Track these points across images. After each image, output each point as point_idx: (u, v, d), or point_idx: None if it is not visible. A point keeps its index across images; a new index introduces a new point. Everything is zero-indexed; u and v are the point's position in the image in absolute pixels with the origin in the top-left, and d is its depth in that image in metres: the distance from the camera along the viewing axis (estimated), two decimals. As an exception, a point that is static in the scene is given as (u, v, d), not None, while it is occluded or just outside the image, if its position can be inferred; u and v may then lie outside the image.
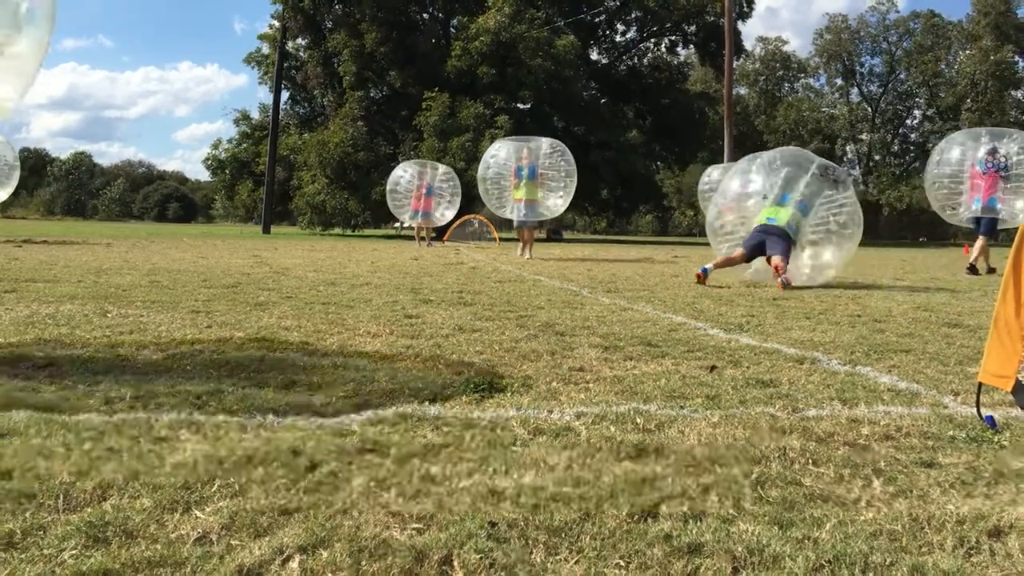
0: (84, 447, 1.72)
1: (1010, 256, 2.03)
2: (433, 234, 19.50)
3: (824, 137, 55.66)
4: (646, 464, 1.71)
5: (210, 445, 1.76)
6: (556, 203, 12.16)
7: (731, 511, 1.45)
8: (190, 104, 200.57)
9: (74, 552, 1.22)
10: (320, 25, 34.30)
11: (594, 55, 39.33)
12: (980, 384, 2.11)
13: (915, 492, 1.58)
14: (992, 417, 2.09)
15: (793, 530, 1.36)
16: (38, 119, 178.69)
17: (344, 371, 2.63)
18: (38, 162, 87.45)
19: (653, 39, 40.43)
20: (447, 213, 18.00)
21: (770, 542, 1.30)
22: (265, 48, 37.35)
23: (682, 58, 43.37)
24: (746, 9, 38.55)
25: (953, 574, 1.23)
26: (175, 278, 6.36)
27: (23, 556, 1.21)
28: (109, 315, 3.95)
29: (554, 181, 12.02)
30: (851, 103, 58.85)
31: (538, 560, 1.24)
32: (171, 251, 11.66)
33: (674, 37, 39.84)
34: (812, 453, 1.81)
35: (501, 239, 21.11)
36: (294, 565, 1.20)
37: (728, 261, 6.98)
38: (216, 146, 37.97)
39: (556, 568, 1.22)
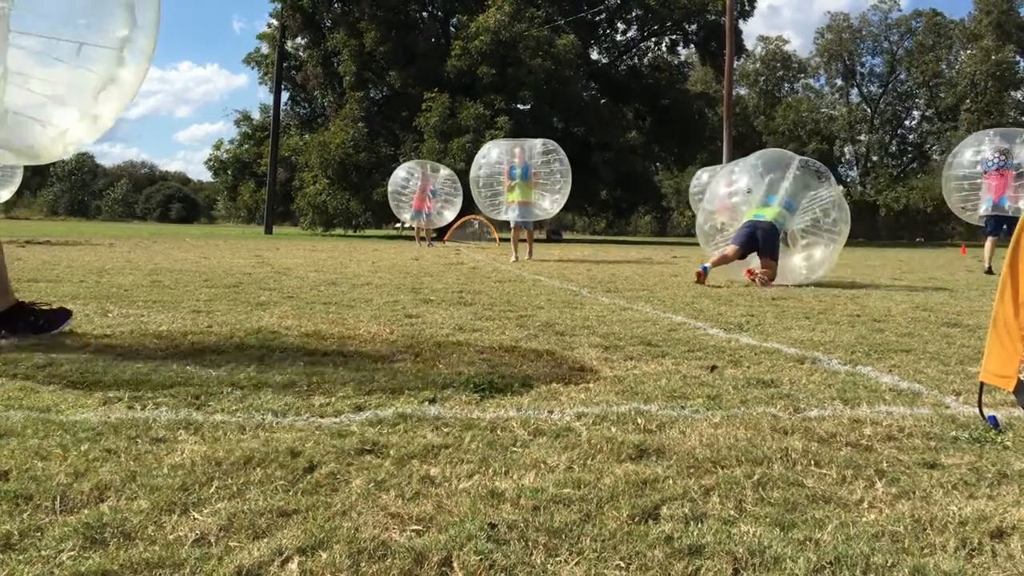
0: (82, 448, 1.72)
1: (1007, 256, 2.02)
2: (434, 234, 19.52)
3: (823, 138, 55.66)
4: (647, 465, 1.70)
5: (208, 446, 1.76)
6: (550, 204, 11.81)
7: (732, 512, 1.45)
8: (191, 104, 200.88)
9: (72, 553, 1.21)
10: (319, 24, 34.32)
11: (594, 55, 39.36)
12: (982, 384, 2.11)
13: (918, 493, 1.57)
14: (995, 417, 2.08)
15: (795, 531, 1.36)
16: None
17: (344, 371, 2.63)
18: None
19: (654, 38, 40.47)
20: (447, 214, 18.03)
21: (771, 543, 1.30)
22: (264, 48, 37.45)
23: (682, 58, 43.42)
24: (747, 8, 38.56)
25: (955, 575, 1.22)
26: (177, 278, 6.35)
27: (21, 557, 1.20)
28: (110, 315, 3.95)
29: (548, 182, 11.70)
30: (850, 104, 58.85)
31: (538, 562, 1.24)
32: (173, 251, 11.67)
33: (675, 36, 39.87)
34: (814, 454, 1.80)
35: (501, 239, 21.12)
36: (293, 567, 1.19)
37: (723, 259, 7.01)
38: (218, 147, 38.11)
39: (556, 570, 1.21)
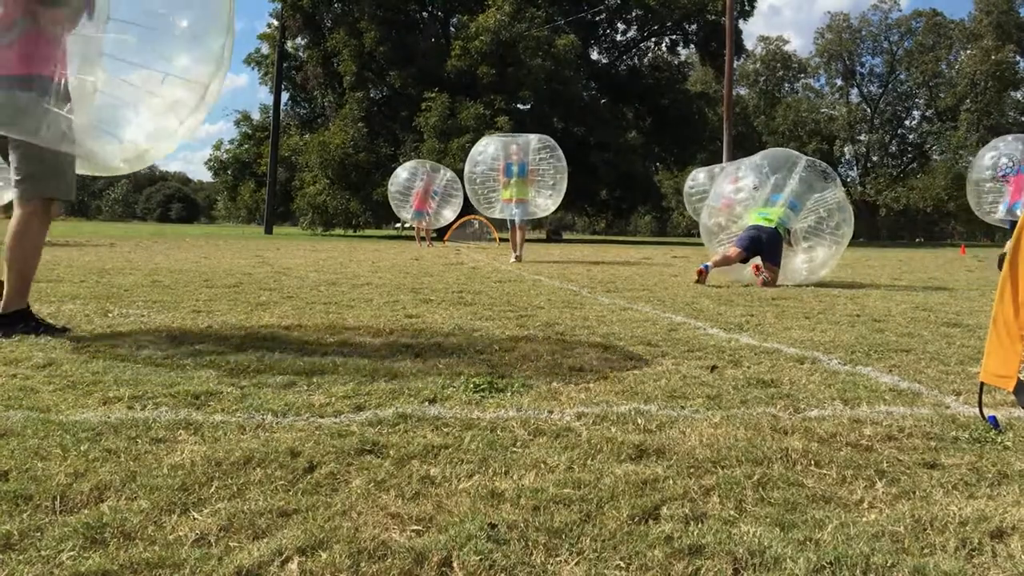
0: (81, 448, 1.72)
1: (1007, 257, 2.02)
2: (434, 234, 19.53)
3: (823, 138, 55.66)
4: (647, 465, 1.70)
5: (208, 446, 1.76)
6: (546, 202, 11.71)
7: (732, 512, 1.44)
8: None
9: (72, 553, 1.21)
10: (319, 24, 34.30)
11: (594, 55, 39.35)
12: (982, 384, 2.11)
13: (918, 493, 1.57)
14: (995, 417, 2.08)
15: (795, 531, 1.36)
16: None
17: (344, 371, 2.63)
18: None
19: (654, 38, 40.45)
20: (447, 214, 18.03)
21: (771, 544, 1.30)
22: (265, 48, 37.47)
23: (682, 58, 43.41)
24: (747, 8, 38.53)
25: (955, 575, 1.22)
26: (177, 278, 6.35)
27: (21, 557, 1.20)
28: (110, 315, 3.95)
29: (544, 179, 11.59)
30: (850, 104, 58.84)
31: (538, 562, 1.23)
32: (173, 251, 11.67)
33: (675, 36, 39.84)
34: (814, 454, 1.80)
35: (501, 239, 21.11)
36: (293, 567, 1.19)
37: (726, 260, 6.99)
38: (218, 147, 38.21)
39: (556, 570, 1.21)
